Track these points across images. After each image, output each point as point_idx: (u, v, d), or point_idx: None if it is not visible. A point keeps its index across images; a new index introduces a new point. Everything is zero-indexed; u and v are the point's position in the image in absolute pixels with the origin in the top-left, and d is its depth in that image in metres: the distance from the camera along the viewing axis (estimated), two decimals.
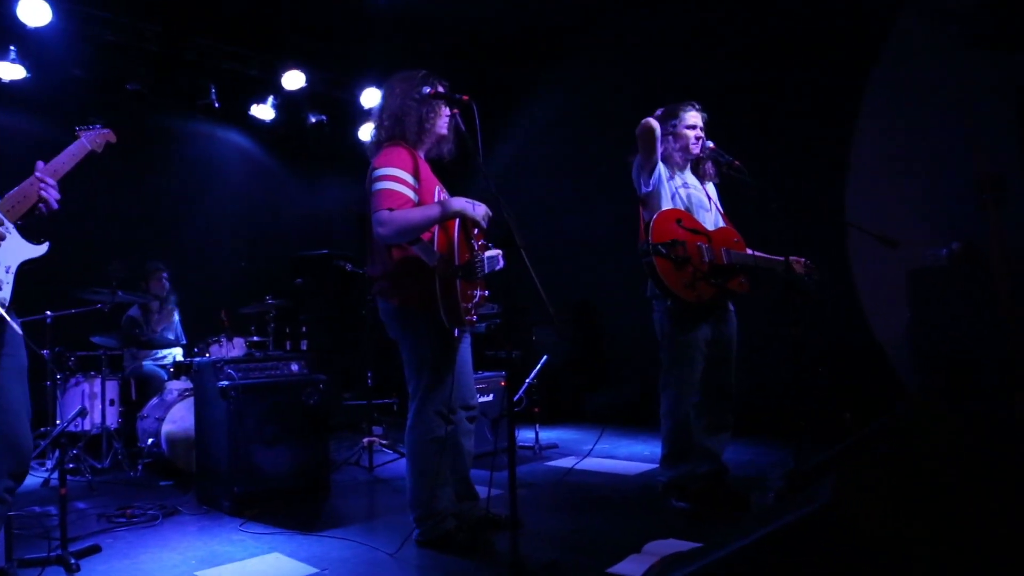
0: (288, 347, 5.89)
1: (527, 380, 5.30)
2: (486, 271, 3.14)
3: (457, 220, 2.99)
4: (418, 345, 3.08)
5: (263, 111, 7.03)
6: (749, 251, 3.69)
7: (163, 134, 6.75)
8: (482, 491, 3.38)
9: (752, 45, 5.89)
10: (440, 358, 3.07)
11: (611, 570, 2.78)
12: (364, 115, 6.87)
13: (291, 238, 7.11)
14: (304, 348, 5.94)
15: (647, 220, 3.54)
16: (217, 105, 6.74)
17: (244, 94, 7.00)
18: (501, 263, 3.19)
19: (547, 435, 5.74)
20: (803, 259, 3.73)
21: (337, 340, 6.86)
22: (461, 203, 3.00)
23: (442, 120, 3.17)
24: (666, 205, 3.61)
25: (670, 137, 3.72)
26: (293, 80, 6.80)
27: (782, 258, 3.61)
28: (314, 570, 2.96)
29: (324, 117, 7.29)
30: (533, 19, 7.05)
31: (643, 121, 3.56)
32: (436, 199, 3.08)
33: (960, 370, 4.74)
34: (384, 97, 3.20)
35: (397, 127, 3.10)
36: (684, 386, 3.57)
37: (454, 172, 3.41)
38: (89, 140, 2.70)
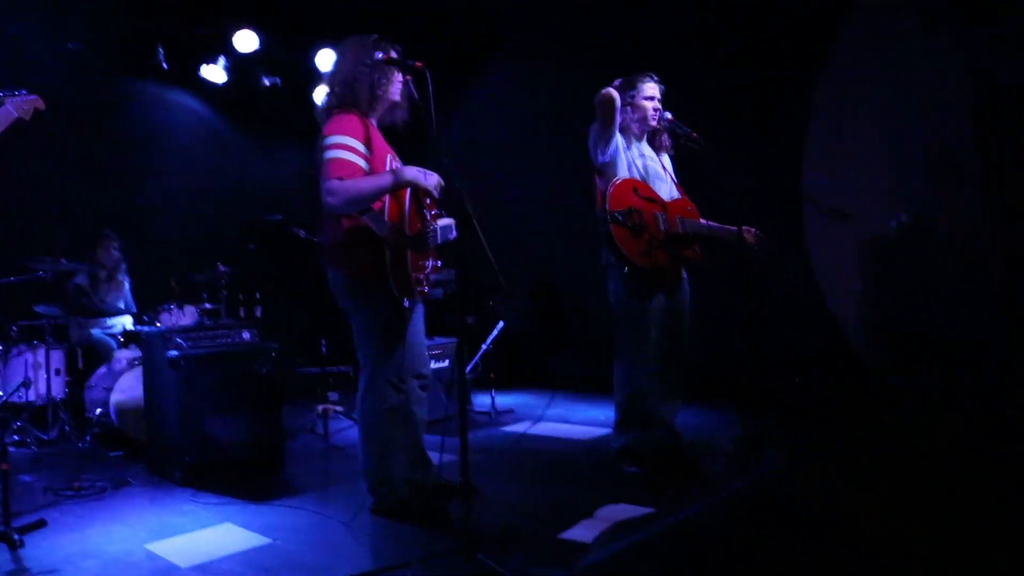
0: (243, 314, 5.78)
1: (483, 346, 5.30)
2: (439, 241, 3.11)
3: (409, 190, 2.95)
4: (368, 315, 3.05)
5: (214, 73, 6.80)
6: (703, 221, 3.72)
7: (109, 96, 6.48)
8: (439, 457, 3.38)
9: (711, 18, 5.85)
10: (390, 328, 3.04)
11: (563, 535, 2.82)
12: (319, 78, 6.70)
13: (245, 203, 6.91)
14: (259, 315, 5.84)
15: (603, 189, 3.55)
16: (166, 67, 6.51)
17: (194, 55, 6.77)
18: (454, 233, 3.15)
19: (504, 400, 5.77)
20: (753, 229, 3.77)
21: (292, 307, 6.77)
22: (413, 172, 2.95)
23: (395, 86, 3.10)
24: (623, 174, 3.61)
25: (628, 108, 3.74)
26: (245, 41, 6.60)
27: (735, 228, 3.67)
28: (266, 540, 2.95)
29: (278, 80, 7.09)
30: None
31: (603, 90, 3.55)
32: (388, 168, 3.02)
33: (909, 342, 4.86)
34: (335, 63, 3.12)
35: (349, 94, 3.02)
36: (638, 354, 3.61)
37: (410, 140, 3.35)
38: (15, 106, 2.57)
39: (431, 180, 2.99)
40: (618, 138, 3.64)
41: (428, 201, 3.08)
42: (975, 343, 4.55)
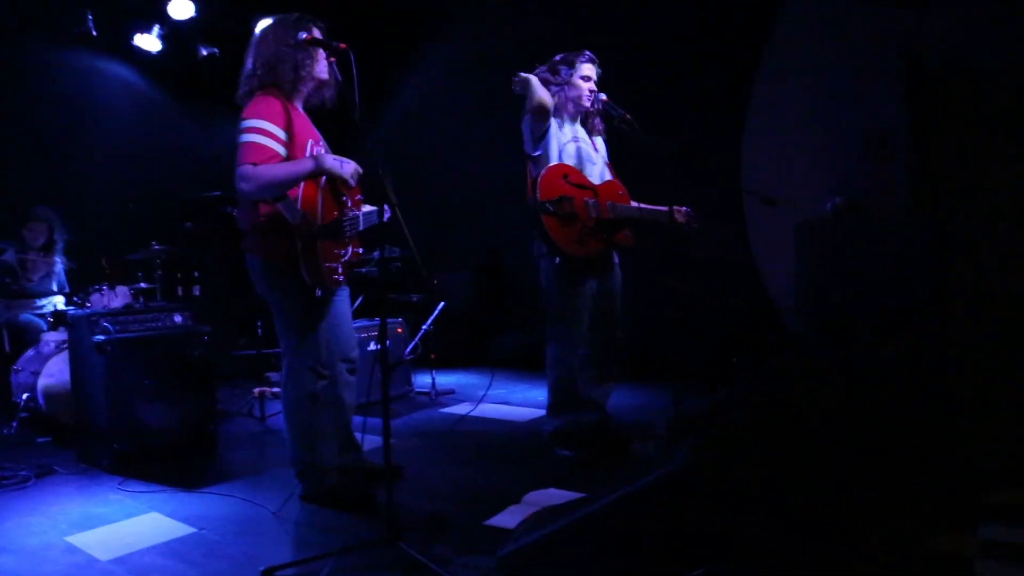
0: (180, 293, 5.67)
1: (423, 327, 5.28)
2: (360, 228, 3.08)
3: (324, 178, 2.90)
4: (284, 302, 3.02)
5: (148, 41, 6.58)
6: (634, 204, 3.73)
7: (35, 66, 6.21)
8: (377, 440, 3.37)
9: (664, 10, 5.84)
10: (308, 315, 3.02)
11: (489, 522, 2.84)
12: None
13: (182, 179, 6.71)
14: (197, 295, 5.74)
15: (535, 176, 3.54)
16: (95, 34, 6.27)
17: (126, 22, 6.53)
18: (377, 219, 3.10)
19: (445, 380, 5.77)
20: (684, 208, 3.76)
21: (231, 287, 6.65)
22: (329, 161, 2.89)
23: (320, 65, 3.02)
24: (553, 160, 3.60)
25: (565, 87, 3.70)
26: (180, 8, 6.40)
27: (665, 208, 3.67)
28: (192, 530, 2.92)
29: (216, 50, 6.88)
30: None
31: (516, 77, 3.53)
32: (308, 153, 2.95)
33: (840, 321, 4.97)
34: (256, 44, 3.01)
35: (270, 75, 2.94)
36: (570, 338, 3.63)
37: (338, 122, 3.27)
38: None
39: (347, 168, 2.93)
40: (551, 123, 3.62)
41: (350, 188, 3.03)
42: (903, 317, 4.67)
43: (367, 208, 3.14)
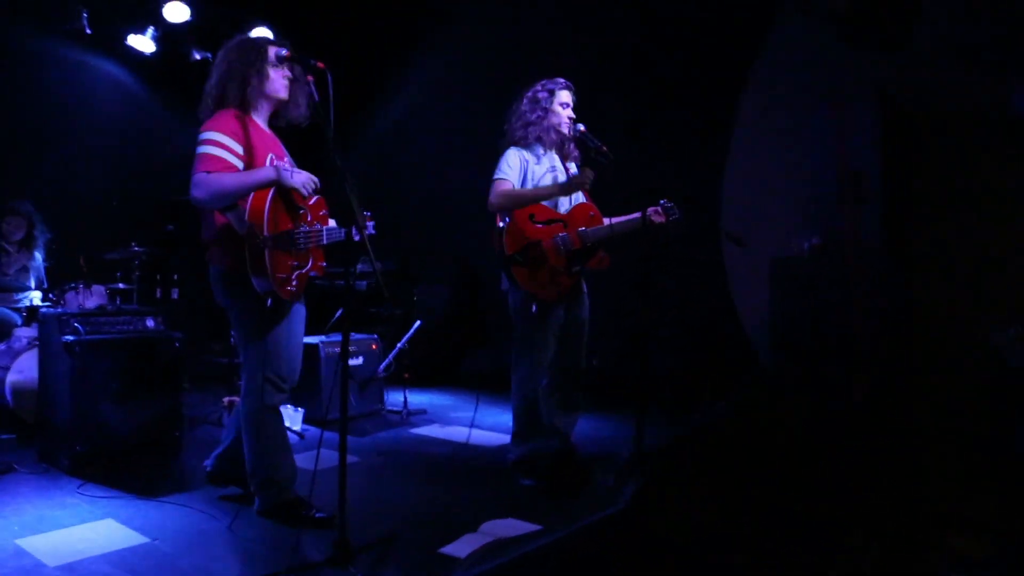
0: (159, 295, 5.65)
1: (398, 345, 5.28)
2: (322, 242, 3.10)
3: (273, 189, 2.91)
4: (240, 313, 3.06)
5: (142, 42, 6.59)
6: (606, 220, 3.71)
7: (22, 56, 6.16)
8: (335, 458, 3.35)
9: (636, 32, 5.90)
10: (262, 326, 3.02)
11: (443, 550, 2.84)
12: None
13: (166, 181, 6.67)
14: (175, 298, 5.72)
15: (501, 227, 3.59)
16: (89, 31, 6.27)
17: (121, 22, 6.53)
18: (341, 236, 3.09)
19: (419, 399, 5.76)
20: (661, 201, 3.64)
21: (209, 292, 6.61)
22: (279, 173, 2.91)
23: (274, 84, 3.07)
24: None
25: (550, 114, 3.72)
26: (176, 12, 6.42)
27: (638, 214, 3.59)
28: (145, 540, 2.91)
29: (209, 54, 6.89)
30: None
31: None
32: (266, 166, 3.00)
33: (811, 357, 5.02)
34: (217, 62, 3.09)
35: (221, 93, 3.02)
36: (535, 366, 3.64)
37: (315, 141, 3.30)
38: None
39: (297, 179, 2.95)
40: (528, 162, 3.68)
41: (305, 199, 3.04)
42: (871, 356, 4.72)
43: (333, 224, 3.17)
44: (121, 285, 5.23)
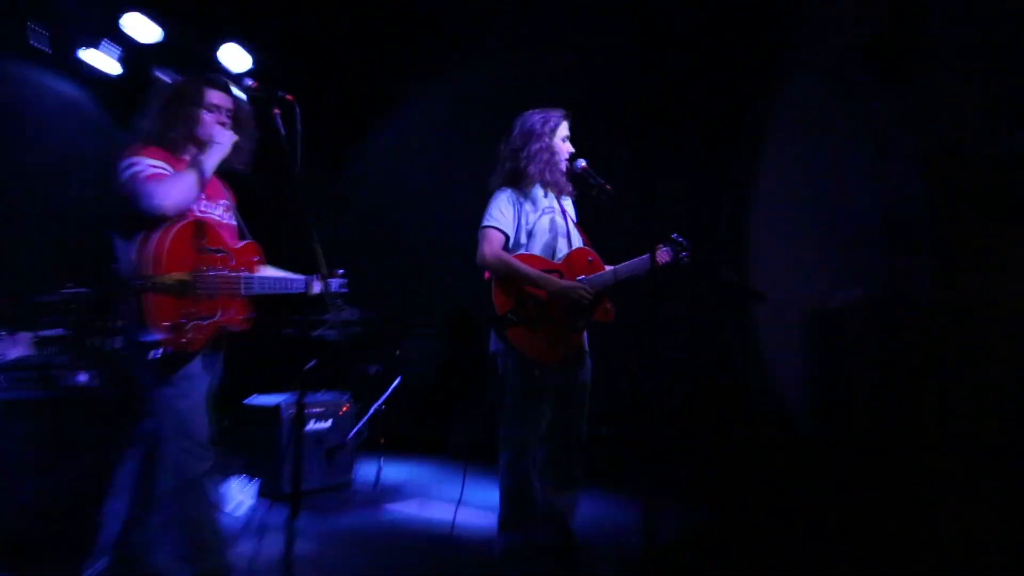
0: (99, 345, 4.92)
1: (373, 406, 4.57)
2: (245, 292, 2.72)
3: (178, 225, 2.58)
4: (137, 366, 2.59)
5: (102, 60, 6.01)
6: (608, 267, 3.17)
7: None
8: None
9: (652, 66, 5.39)
10: (161, 382, 2.56)
11: None
12: (228, 76, 5.99)
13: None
14: (118, 347, 5.00)
15: (490, 283, 3.11)
16: (49, 51, 5.72)
17: (84, 41, 5.96)
18: (294, 287, 2.86)
19: (395, 471, 4.99)
20: (672, 236, 3.13)
21: None
22: (228, 142, 2.77)
23: (202, 128, 2.82)
24: (520, 242, 3.21)
25: (547, 150, 3.18)
26: (143, 31, 5.86)
27: (645, 256, 3.03)
28: None
29: (179, 76, 6.32)
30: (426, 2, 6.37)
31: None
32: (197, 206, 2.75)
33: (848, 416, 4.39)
34: (149, 102, 2.95)
35: (152, 132, 2.86)
36: (527, 437, 3.04)
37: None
38: None
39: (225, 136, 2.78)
40: (516, 199, 3.21)
41: (240, 244, 2.78)
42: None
43: (270, 272, 2.85)
44: (55, 331, 4.54)
